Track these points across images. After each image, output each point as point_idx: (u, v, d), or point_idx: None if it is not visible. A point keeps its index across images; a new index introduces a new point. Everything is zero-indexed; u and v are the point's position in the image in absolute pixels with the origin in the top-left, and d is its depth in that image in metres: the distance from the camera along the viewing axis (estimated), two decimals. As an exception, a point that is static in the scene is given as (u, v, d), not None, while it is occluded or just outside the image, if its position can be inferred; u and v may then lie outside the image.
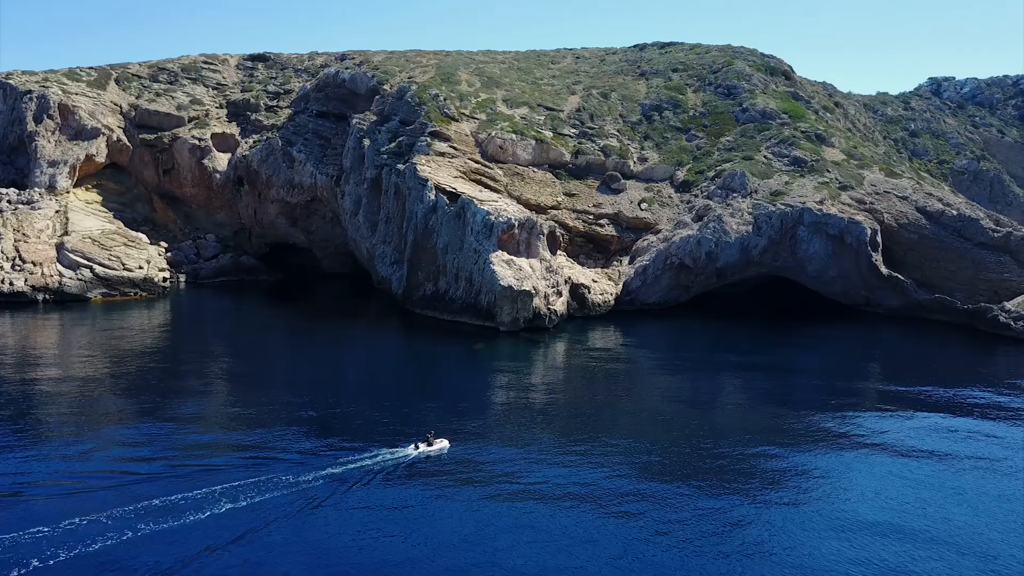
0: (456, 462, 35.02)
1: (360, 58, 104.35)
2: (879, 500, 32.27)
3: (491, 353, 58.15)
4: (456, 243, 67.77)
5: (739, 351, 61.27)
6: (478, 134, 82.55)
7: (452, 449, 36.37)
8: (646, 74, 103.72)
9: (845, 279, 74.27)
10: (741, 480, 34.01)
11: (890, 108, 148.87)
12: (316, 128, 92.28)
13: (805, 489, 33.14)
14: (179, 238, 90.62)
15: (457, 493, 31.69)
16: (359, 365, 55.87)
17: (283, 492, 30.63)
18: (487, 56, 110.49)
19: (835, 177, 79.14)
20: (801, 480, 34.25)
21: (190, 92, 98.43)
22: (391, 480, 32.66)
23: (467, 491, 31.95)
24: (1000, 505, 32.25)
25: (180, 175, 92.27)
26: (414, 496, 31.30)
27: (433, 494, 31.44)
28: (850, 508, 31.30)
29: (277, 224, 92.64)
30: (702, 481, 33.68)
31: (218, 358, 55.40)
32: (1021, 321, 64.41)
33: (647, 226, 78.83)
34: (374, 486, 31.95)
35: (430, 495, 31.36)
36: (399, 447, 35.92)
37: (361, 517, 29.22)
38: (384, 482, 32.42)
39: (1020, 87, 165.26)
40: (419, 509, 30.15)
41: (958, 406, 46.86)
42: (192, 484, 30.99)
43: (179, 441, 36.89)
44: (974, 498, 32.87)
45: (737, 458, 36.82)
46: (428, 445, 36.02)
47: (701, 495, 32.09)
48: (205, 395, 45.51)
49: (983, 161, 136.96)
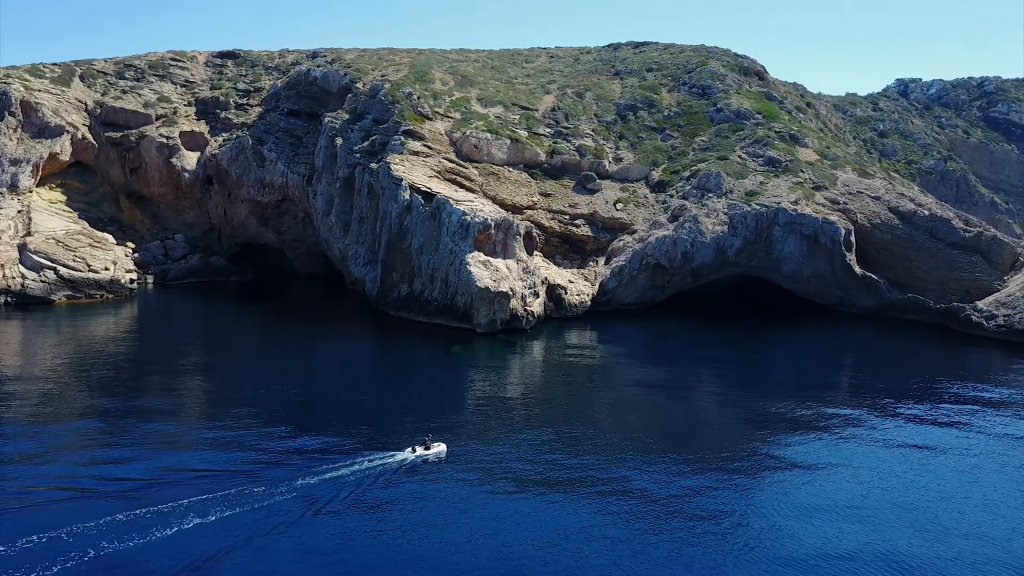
0: (439, 466, 34.36)
1: (332, 56, 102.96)
2: (852, 492, 33.41)
3: (468, 355, 57.41)
4: (431, 244, 66.92)
5: (716, 352, 61.41)
6: (452, 133, 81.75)
7: (425, 453, 35.81)
8: (620, 74, 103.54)
9: (819, 279, 74.59)
10: (723, 477, 33.97)
11: (859, 109, 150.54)
12: (287, 127, 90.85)
13: (782, 482, 33.69)
14: (147, 238, 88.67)
15: (444, 494, 31.16)
16: (334, 369, 54.82)
17: (257, 506, 29.49)
18: (460, 55, 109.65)
19: (809, 177, 79.50)
20: (777, 474, 34.71)
21: (158, 89, 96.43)
22: (380, 486, 31.90)
23: (454, 491, 31.42)
24: (970, 495, 33.47)
25: (148, 174, 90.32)
26: (400, 502, 30.59)
27: (420, 495, 30.82)
28: (822, 500, 32.52)
29: (247, 224, 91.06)
30: (684, 478, 33.60)
31: (187, 363, 53.93)
32: (993, 321, 65.07)
33: (623, 226, 78.56)
34: (363, 492, 31.19)
35: (412, 500, 30.69)
36: (394, 451, 35.17)
37: (356, 523, 28.53)
38: (372, 488, 31.65)
39: (984, 89, 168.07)
40: (399, 516, 29.44)
41: (932, 404, 47.21)
42: (159, 497, 29.72)
43: (146, 452, 35.60)
44: (947, 490, 34.01)
45: (719, 458, 36.75)
46: (426, 449, 35.76)
47: (684, 490, 32.04)
48: (173, 403, 44.07)
49: (950, 161, 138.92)
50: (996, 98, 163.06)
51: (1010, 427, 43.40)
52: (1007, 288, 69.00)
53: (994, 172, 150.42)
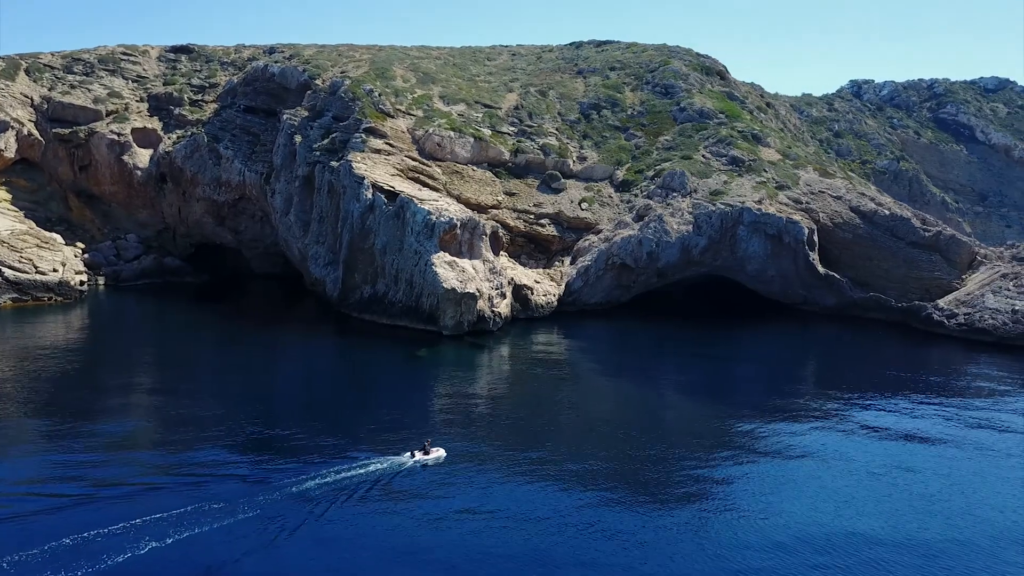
0: (412, 479, 33.25)
1: (290, 52, 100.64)
2: (818, 492, 33.62)
3: (435, 358, 56.21)
4: (395, 244, 65.56)
5: (682, 351, 61.47)
6: (415, 131, 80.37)
7: (425, 458, 35.07)
8: (583, 72, 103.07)
9: (783, 278, 74.93)
10: (689, 479, 33.65)
11: (815, 109, 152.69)
12: (244, 124, 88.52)
13: (745, 482, 33.81)
14: (97, 238, 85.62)
15: (419, 505, 30.08)
16: (296, 374, 53.14)
17: (217, 526, 27.69)
18: (422, 52, 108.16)
19: (772, 177, 79.86)
20: (742, 474, 34.87)
21: (108, 85, 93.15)
22: (354, 502, 30.69)
23: (430, 501, 30.36)
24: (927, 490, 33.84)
25: (98, 172, 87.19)
26: (374, 517, 29.46)
27: (393, 510, 29.71)
28: (787, 500, 32.62)
29: (203, 223, 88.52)
30: (651, 481, 33.20)
31: (140, 369, 51.76)
32: (954, 319, 65.93)
33: (588, 226, 78.03)
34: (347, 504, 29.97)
35: (385, 516, 29.58)
36: (365, 463, 33.92)
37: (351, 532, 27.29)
38: (348, 504, 30.45)
39: (934, 91, 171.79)
40: (374, 536, 28.30)
41: (896, 401, 47.59)
42: (110, 516, 27.82)
43: (95, 467, 33.42)
44: (909, 482, 34.63)
45: (683, 459, 36.46)
46: (425, 454, 35.01)
47: (649, 493, 31.55)
48: (125, 412, 41.99)
49: (902, 161, 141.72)
50: (945, 100, 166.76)
51: (974, 422, 43.92)
52: (966, 287, 70.06)
53: (944, 172, 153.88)
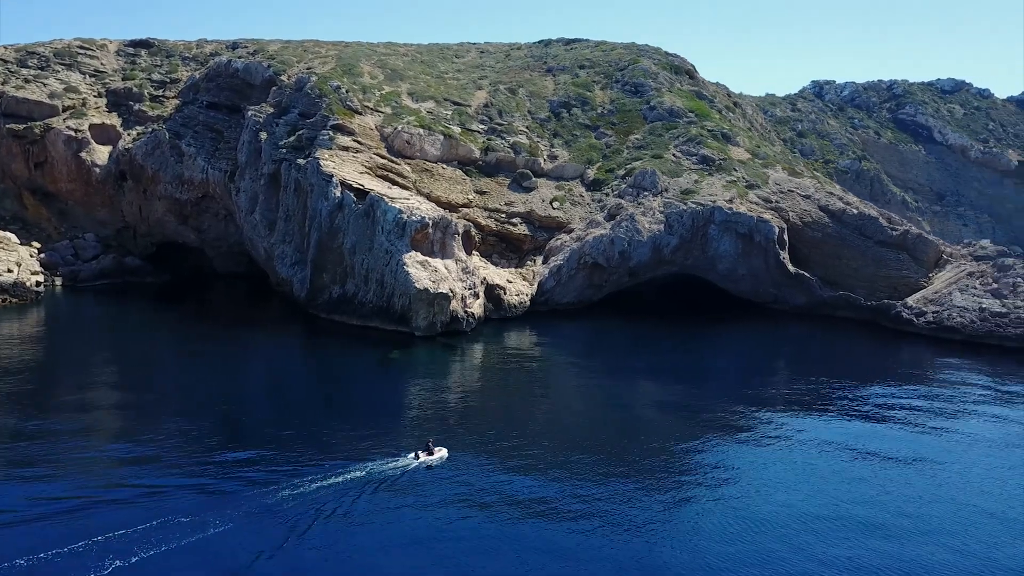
0: (392, 482, 32.30)
1: (254, 47, 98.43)
2: (787, 487, 34.08)
3: (408, 360, 55.14)
4: (365, 243, 64.31)
5: (654, 350, 61.37)
6: (383, 128, 79.01)
7: (429, 459, 34.49)
8: (553, 70, 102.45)
9: (754, 277, 75.14)
10: (669, 476, 33.20)
11: (778, 109, 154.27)
12: (207, 120, 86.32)
13: (718, 478, 34.56)
14: (54, 237, 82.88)
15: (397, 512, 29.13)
16: (264, 377, 51.64)
17: (184, 543, 26.29)
18: (389, 48, 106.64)
19: (742, 176, 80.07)
20: (715, 470, 35.48)
21: (64, 79, 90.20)
22: (340, 512, 29.63)
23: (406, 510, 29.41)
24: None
25: (54, 169, 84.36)
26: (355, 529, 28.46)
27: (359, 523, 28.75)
28: (760, 496, 33.08)
29: (165, 222, 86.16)
30: (628, 477, 32.81)
31: (97, 374, 49.62)
32: (923, 318, 66.62)
33: (560, 225, 77.46)
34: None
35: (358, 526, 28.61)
36: (345, 471, 32.75)
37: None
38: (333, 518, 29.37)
39: (893, 91, 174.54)
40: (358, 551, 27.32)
41: (865, 400, 48.02)
42: (64, 535, 26.21)
43: (44, 482, 31.63)
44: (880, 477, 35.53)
45: (669, 455, 36.02)
46: (429, 454, 34.40)
47: (624, 489, 31.14)
48: (83, 420, 39.97)
49: (864, 161, 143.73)
50: (904, 100, 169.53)
51: (944, 419, 44.40)
52: (933, 285, 70.91)
53: (903, 172, 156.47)
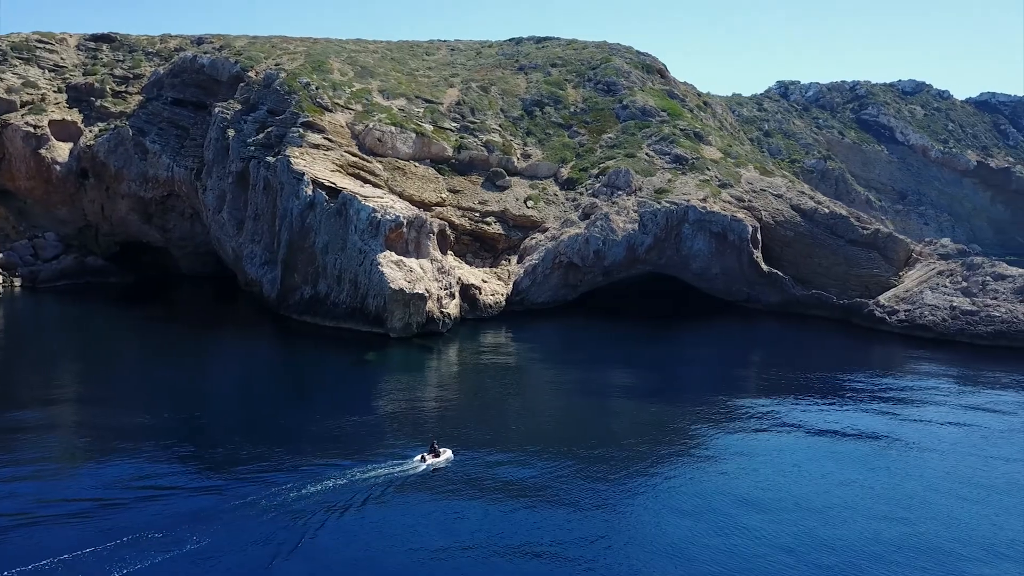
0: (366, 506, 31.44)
1: (220, 42, 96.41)
2: (761, 481, 34.49)
3: (385, 362, 54.19)
4: (337, 243, 63.15)
5: (629, 349, 61.11)
6: (354, 125, 77.76)
7: (435, 461, 34.00)
8: (525, 68, 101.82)
9: (727, 276, 75.29)
10: (643, 472, 32.77)
11: (745, 109, 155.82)
12: (172, 117, 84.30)
13: (695, 473, 34.70)
14: (12, 237, 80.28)
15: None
16: (235, 381, 50.35)
17: (159, 559, 25.20)
18: (358, 45, 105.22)
19: (715, 175, 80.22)
20: (691, 467, 35.68)
21: (22, 74, 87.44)
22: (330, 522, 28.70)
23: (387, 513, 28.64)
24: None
25: (12, 166, 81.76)
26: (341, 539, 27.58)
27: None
28: (735, 488, 33.50)
29: (128, 221, 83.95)
30: (602, 472, 32.48)
31: (57, 379, 48.05)
32: (895, 316, 67.24)
33: (534, 224, 76.92)
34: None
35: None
36: (325, 478, 31.76)
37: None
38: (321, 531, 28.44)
39: (856, 92, 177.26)
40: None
41: (839, 397, 48.35)
42: (26, 550, 25.08)
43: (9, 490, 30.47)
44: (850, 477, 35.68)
45: (641, 455, 35.58)
46: (435, 456, 33.92)
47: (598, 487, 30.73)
48: (39, 428, 38.49)
49: (829, 161, 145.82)
50: (867, 101, 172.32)
51: (916, 415, 44.90)
52: (904, 284, 71.60)
53: (867, 171, 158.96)
